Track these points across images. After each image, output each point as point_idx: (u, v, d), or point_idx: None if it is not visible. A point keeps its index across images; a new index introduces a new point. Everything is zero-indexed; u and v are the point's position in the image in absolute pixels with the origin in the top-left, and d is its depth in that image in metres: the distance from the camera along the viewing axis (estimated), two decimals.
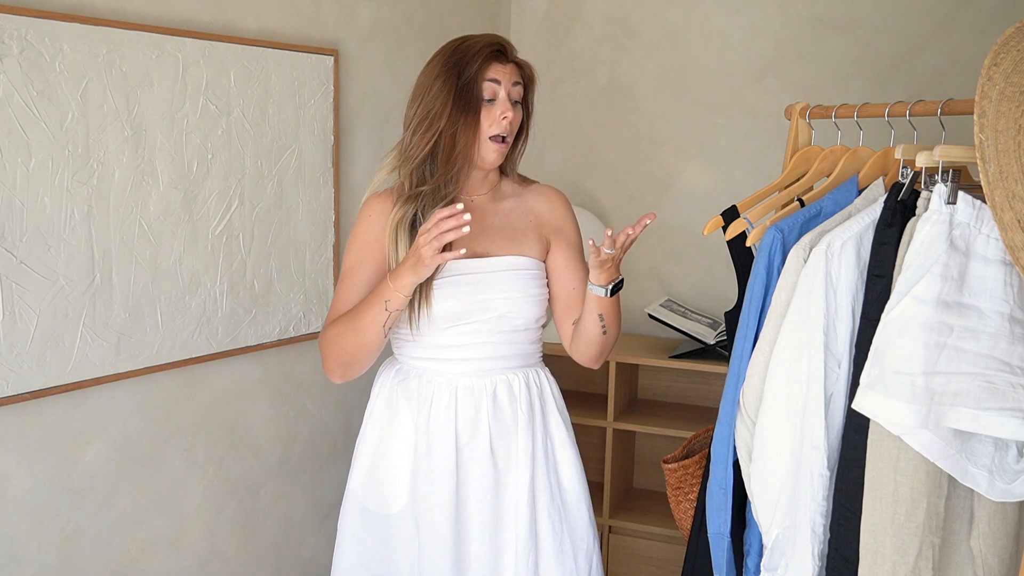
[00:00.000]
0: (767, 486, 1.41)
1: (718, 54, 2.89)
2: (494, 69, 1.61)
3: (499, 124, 1.61)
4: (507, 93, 1.61)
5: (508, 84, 1.62)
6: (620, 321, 1.69)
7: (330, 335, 1.63)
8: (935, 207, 1.24)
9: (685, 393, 3.00)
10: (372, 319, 1.57)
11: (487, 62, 1.61)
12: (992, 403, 1.20)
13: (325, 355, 1.65)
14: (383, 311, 1.56)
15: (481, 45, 1.61)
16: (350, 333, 1.60)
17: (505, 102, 1.61)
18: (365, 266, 1.65)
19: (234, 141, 2.06)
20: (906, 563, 1.26)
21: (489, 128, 1.61)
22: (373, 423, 1.74)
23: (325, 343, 1.65)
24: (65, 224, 1.75)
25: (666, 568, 2.77)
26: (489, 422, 1.66)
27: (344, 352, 1.62)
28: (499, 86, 1.61)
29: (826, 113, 1.67)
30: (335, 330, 1.62)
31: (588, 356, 1.72)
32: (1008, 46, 1.21)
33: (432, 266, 1.50)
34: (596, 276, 1.57)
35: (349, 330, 1.60)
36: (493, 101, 1.61)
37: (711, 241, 2.87)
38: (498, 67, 1.62)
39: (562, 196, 1.80)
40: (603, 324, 1.64)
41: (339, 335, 1.61)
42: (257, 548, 2.28)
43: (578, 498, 1.74)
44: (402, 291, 1.54)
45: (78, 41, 1.73)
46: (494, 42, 1.63)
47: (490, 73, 1.61)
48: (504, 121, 1.61)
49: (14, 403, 1.70)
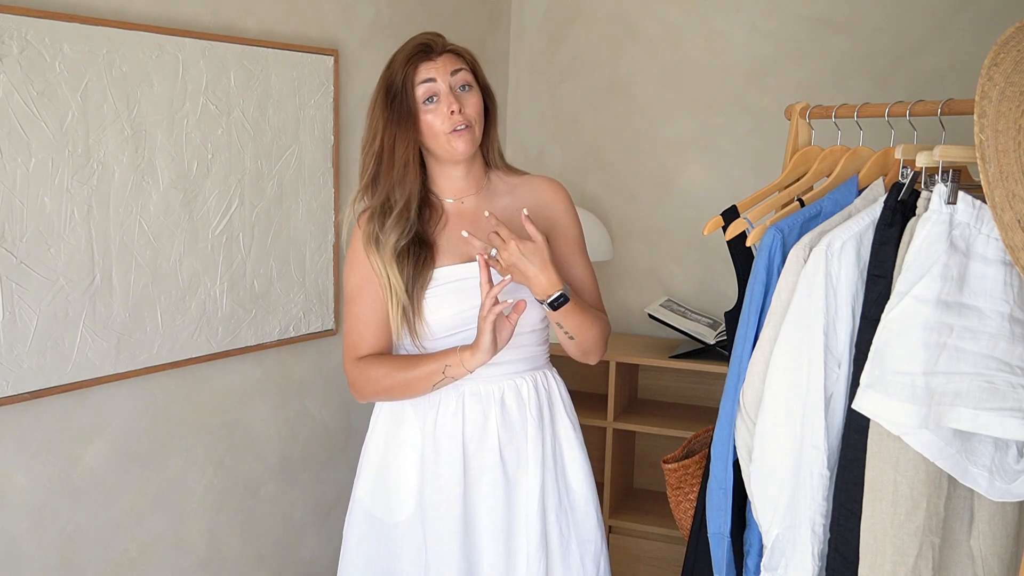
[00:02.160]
0: (767, 486, 1.41)
1: (718, 54, 2.89)
2: (423, 69, 1.58)
3: (451, 120, 1.56)
4: (448, 86, 1.57)
5: (445, 77, 1.57)
6: (591, 325, 1.64)
7: (373, 375, 1.63)
8: (935, 207, 1.24)
9: (685, 393, 3.00)
10: (426, 378, 1.59)
11: (413, 65, 1.58)
12: (992, 403, 1.20)
13: (362, 388, 1.66)
14: (439, 374, 1.58)
15: (405, 53, 1.59)
16: (399, 382, 1.61)
17: (447, 96, 1.56)
18: (369, 285, 1.64)
19: (234, 141, 2.06)
20: (906, 563, 1.26)
21: (443, 125, 1.57)
22: (379, 430, 1.72)
23: (366, 380, 1.64)
24: (65, 224, 1.75)
25: (666, 568, 2.77)
26: (498, 428, 1.64)
27: (385, 393, 1.65)
28: (435, 83, 1.57)
29: (826, 113, 1.67)
30: (380, 372, 1.63)
31: (573, 355, 1.71)
32: (1008, 46, 1.21)
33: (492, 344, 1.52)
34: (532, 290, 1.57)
35: (398, 379, 1.61)
36: (434, 99, 1.58)
37: (711, 241, 2.87)
38: (427, 65, 1.58)
39: (558, 186, 1.75)
40: (565, 331, 1.63)
41: (385, 378, 1.62)
42: (257, 548, 2.28)
43: (586, 500, 1.73)
44: (467, 366, 1.55)
45: (78, 41, 1.73)
46: (417, 43, 1.59)
47: (420, 75, 1.57)
48: (454, 115, 1.56)
49: (14, 403, 1.70)
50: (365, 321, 1.64)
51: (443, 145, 1.59)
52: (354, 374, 1.66)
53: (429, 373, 1.58)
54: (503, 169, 1.73)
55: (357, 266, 1.65)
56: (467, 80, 1.60)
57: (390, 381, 1.62)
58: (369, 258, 1.62)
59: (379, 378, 1.62)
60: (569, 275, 1.69)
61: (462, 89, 1.59)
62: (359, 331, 1.65)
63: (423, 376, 1.59)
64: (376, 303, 1.63)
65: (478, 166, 1.69)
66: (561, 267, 1.68)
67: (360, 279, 1.65)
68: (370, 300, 1.64)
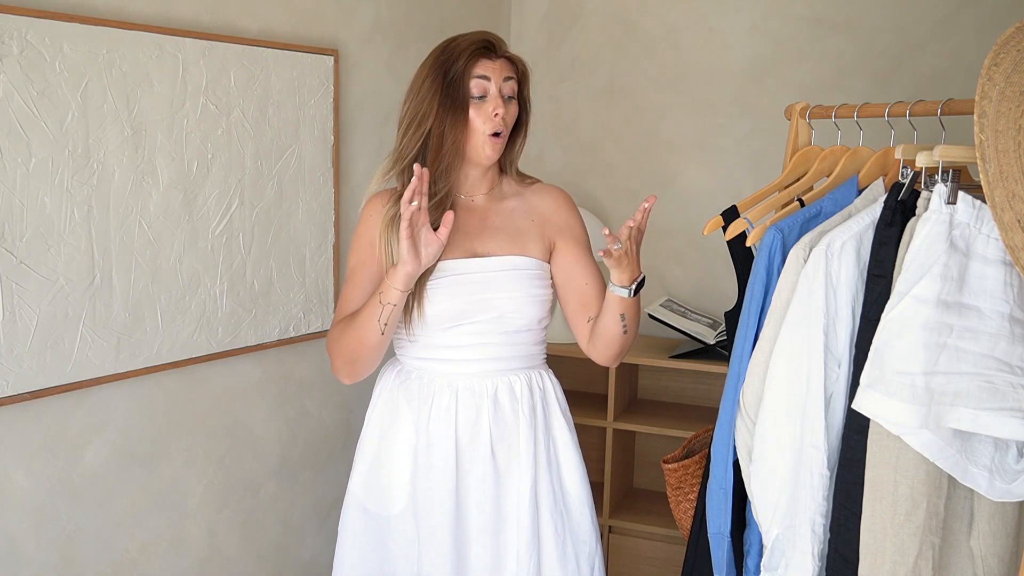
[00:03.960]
0: (767, 486, 1.41)
1: (718, 54, 2.89)
2: (482, 66, 1.60)
3: (492, 122, 1.60)
4: (498, 89, 1.60)
5: (498, 80, 1.61)
6: (639, 319, 1.67)
7: (334, 334, 1.65)
8: (935, 207, 1.24)
9: (685, 393, 3.00)
10: (370, 314, 1.57)
11: (474, 59, 1.60)
12: (992, 403, 1.20)
13: (332, 355, 1.67)
14: (377, 304, 1.56)
15: (468, 42, 1.61)
16: (350, 330, 1.61)
17: (496, 98, 1.60)
18: (367, 266, 1.65)
19: (234, 141, 2.06)
20: (906, 563, 1.26)
21: (483, 125, 1.60)
22: (374, 424, 1.74)
23: (331, 343, 1.66)
24: (65, 224, 1.75)
25: (666, 568, 2.77)
26: (490, 424, 1.65)
27: (347, 350, 1.62)
28: (488, 82, 1.60)
29: (826, 113, 1.67)
30: (339, 329, 1.64)
31: (607, 355, 1.69)
32: (1008, 46, 1.21)
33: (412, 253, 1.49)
34: (617, 276, 1.55)
35: (350, 328, 1.61)
36: (484, 98, 1.60)
37: (711, 241, 2.87)
38: (486, 63, 1.61)
39: (565, 195, 1.78)
40: (624, 324, 1.62)
41: (342, 333, 1.63)
42: (257, 548, 2.28)
43: (580, 501, 1.74)
44: (395, 284, 1.53)
45: (78, 41, 1.73)
46: (482, 39, 1.62)
47: (478, 70, 1.60)
48: (497, 118, 1.60)
49: (14, 403, 1.70)
50: (354, 298, 1.65)
51: (477, 145, 1.62)
52: (327, 346, 1.67)
53: (371, 309, 1.57)
54: (515, 177, 1.77)
55: (362, 245, 1.67)
56: (513, 90, 1.64)
57: (346, 334, 1.61)
58: (380, 240, 1.63)
59: (339, 335, 1.63)
60: (582, 277, 1.71)
61: (508, 98, 1.63)
62: (346, 304, 1.66)
63: (367, 314, 1.57)
64: (369, 282, 1.65)
65: (494, 171, 1.73)
66: (574, 269, 1.71)
67: (361, 258, 1.66)
68: (365, 277, 1.65)
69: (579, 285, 1.71)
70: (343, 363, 1.65)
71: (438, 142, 1.60)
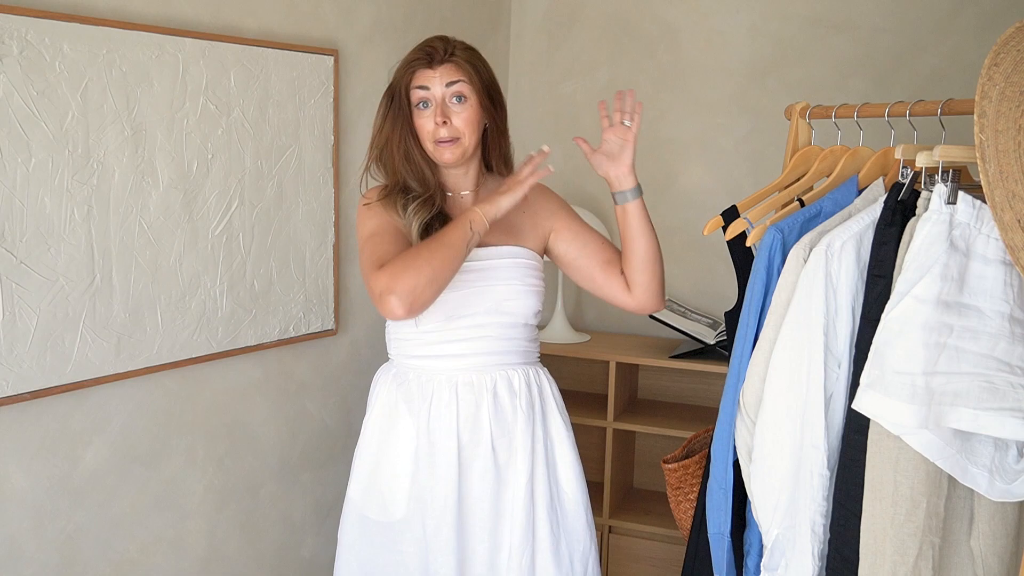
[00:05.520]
0: (767, 486, 1.42)
1: (718, 54, 2.89)
2: (420, 76, 1.63)
3: (435, 131, 1.63)
4: (441, 96, 1.62)
5: (439, 87, 1.62)
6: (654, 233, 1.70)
7: (407, 258, 1.53)
8: (935, 207, 1.24)
9: (685, 393, 3.00)
10: (460, 236, 1.55)
11: (412, 71, 1.64)
12: (992, 403, 1.20)
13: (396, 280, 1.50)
14: (468, 231, 1.55)
15: (411, 55, 1.66)
16: (436, 248, 1.53)
17: (438, 107, 1.62)
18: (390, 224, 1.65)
19: (234, 141, 2.06)
20: (906, 563, 1.26)
21: (432, 134, 1.63)
22: (372, 429, 1.74)
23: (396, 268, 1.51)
24: (65, 224, 1.75)
25: (666, 568, 2.77)
26: (490, 418, 1.66)
27: (428, 269, 1.51)
28: (427, 92, 1.63)
29: (826, 113, 1.67)
30: (411, 253, 1.54)
31: (654, 289, 1.70)
32: (1008, 46, 1.21)
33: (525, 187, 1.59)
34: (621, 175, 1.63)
35: (435, 246, 1.53)
36: (428, 106, 1.63)
37: (711, 241, 2.87)
38: (425, 72, 1.63)
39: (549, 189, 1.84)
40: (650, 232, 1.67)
41: (420, 254, 1.53)
42: (257, 548, 2.28)
43: (576, 499, 1.74)
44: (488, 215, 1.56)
45: (78, 41, 1.73)
46: (421, 50, 1.65)
47: (416, 80, 1.64)
48: (438, 127, 1.62)
49: (14, 403, 1.70)
50: (389, 242, 1.60)
51: (431, 151, 1.67)
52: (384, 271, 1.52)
53: (461, 232, 1.55)
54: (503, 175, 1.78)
55: (373, 217, 1.67)
56: (462, 92, 1.63)
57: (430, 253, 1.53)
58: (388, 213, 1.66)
59: (412, 258, 1.52)
60: (594, 240, 1.76)
61: (457, 100, 1.63)
62: (385, 248, 1.58)
63: (457, 236, 1.55)
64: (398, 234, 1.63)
65: (474, 169, 1.74)
66: (584, 237, 1.76)
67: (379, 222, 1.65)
68: (392, 231, 1.63)
69: (596, 247, 1.75)
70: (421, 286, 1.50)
71: (388, 146, 1.67)
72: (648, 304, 1.71)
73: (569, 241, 1.75)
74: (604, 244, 1.77)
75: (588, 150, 1.66)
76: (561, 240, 1.75)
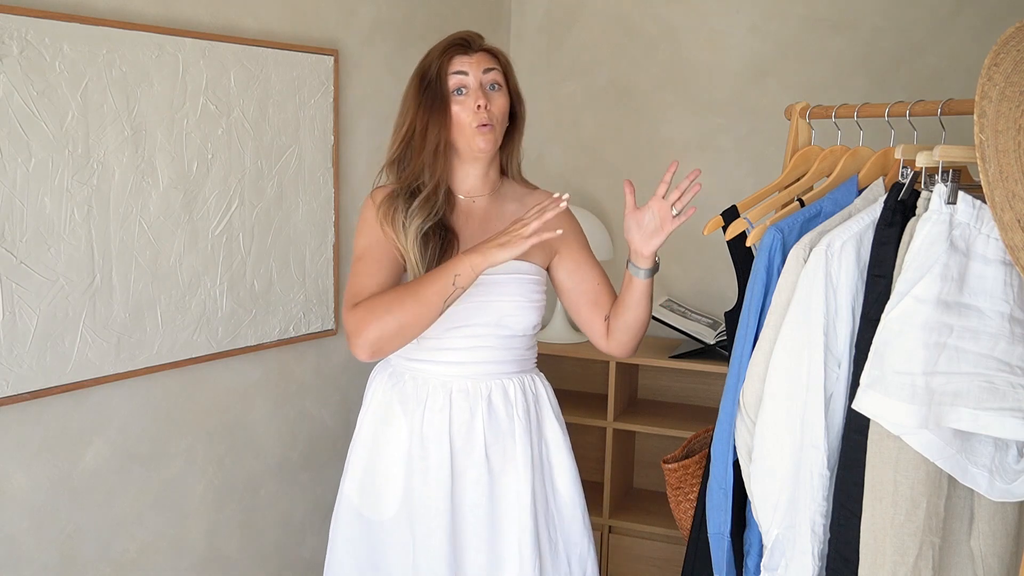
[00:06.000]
0: (767, 486, 1.41)
1: (718, 54, 2.89)
2: (458, 62, 1.62)
3: (477, 114, 1.60)
4: (478, 82, 1.61)
5: (477, 73, 1.62)
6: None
7: (377, 305, 1.53)
8: (935, 207, 1.24)
9: (685, 393, 3.00)
10: (438, 291, 1.51)
11: (449, 56, 1.62)
12: (992, 403, 1.20)
13: (362, 327, 1.52)
14: (450, 286, 1.51)
15: (444, 43, 1.64)
16: (409, 303, 1.51)
17: (477, 91, 1.61)
18: (380, 245, 1.63)
19: (234, 141, 2.06)
20: (906, 563, 1.26)
21: (469, 119, 1.61)
22: (367, 427, 1.73)
23: (365, 313, 1.53)
24: (65, 224, 1.75)
25: (666, 568, 2.77)
26: (484, 426, 1.65)
27: (394, 323, 1.51)
28: (467, 76, 1.61)
29: (826, 113, 1.67)
30: (384, 300, 1.53)
31: (631, 345, 1.71)
32: (1008, 46, 1.21)
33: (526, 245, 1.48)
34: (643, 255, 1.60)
35: (408, 300, 1.52)
36: (464, 93, 1.61)
37: (711, 241, 2.87)
38: (462, 59, 1.62)
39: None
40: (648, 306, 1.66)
41: (392, 304, 1.52)
42: (257, 548, 2.28)
43: (572, 503, 1.73)
44: (477, 269, 1.50)
45: (78, 41, 1.73)
46: (457, 36, 1.64)
47: (454, 66, 1.62)
48: (480, 110, 1.60)
49: (14, 403, 1.70)
50: (371, 274, 1.60)
51: (467, 139, 1.62)
52: (356, 312, 1.54)
53: (440, 286, 1.51)
54: (518, 179, 1.77)
55: (368, 231, 1.65)
56: (497, 80, 1.64)
57: (401, 306, 1.51)
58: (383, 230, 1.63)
59: (386, 306, 1.52)
60: (592, 278, 1.74)
61: (491, 88, 1.63)
62: (363, 283, 1.59)
63: (435, 290, 1.51)
64: (384, 259, 1.62)
65: (495, 169, 1.72)
66: (583, 271, 1.74)
67: (371, 240, 1.64)
68: (378, 256, 1.62)
69: (591, 286, 1.73)
70: (379, 335, 1.52)
71: (420, 138, 1.62)
72: (619, 354, 1.74)
73: (570, 272, 1.74)
74: (600, 285, 1.74)
75: (631, 203, 1.60)
76: (562, 268, 1.74)
